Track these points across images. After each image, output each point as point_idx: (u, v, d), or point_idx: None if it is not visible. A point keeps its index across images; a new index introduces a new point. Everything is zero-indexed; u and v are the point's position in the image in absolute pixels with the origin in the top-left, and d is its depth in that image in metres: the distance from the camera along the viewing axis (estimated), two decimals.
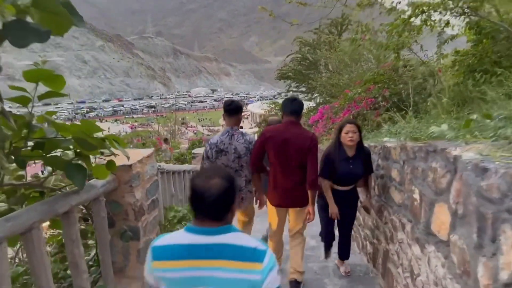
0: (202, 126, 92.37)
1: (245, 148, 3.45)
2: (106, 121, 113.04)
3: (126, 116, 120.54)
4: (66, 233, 2.16)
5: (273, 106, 14.38)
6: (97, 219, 2.42)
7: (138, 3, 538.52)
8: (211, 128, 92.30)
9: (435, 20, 4.51)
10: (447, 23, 4.48)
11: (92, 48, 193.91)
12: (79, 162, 2.03)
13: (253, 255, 1.38)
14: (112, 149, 1.96)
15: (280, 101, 18.67)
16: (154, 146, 7.39)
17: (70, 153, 2.06)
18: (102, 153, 2.03)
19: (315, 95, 14.98)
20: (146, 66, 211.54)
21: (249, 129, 30.14)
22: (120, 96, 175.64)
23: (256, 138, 3.62)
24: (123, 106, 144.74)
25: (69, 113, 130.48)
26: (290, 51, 18.43)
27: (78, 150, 2.02)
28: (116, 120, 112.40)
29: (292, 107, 3.27)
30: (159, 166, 3.44)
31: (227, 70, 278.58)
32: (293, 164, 3.17)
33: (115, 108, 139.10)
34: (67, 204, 2.08)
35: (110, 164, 2.07)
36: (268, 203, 3.45)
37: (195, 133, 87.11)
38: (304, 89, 17.09)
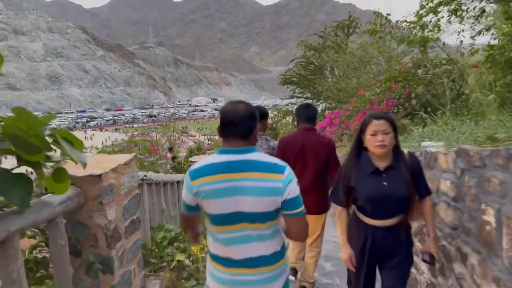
0: (204, 135, 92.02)
1: (268, 154, 3.23)
2: (106, 130, 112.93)
3: (127, 125, 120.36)
4: (3, 269, 1.51)
5: (276, 113, 13.57)
6: (54, 248, 1.77)
7: (139, 14, 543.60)
8: (212, 137, 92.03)
9: (467, 9, 3.92)
10: (483, 12, 3.88)
11: (93, 57, 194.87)
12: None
13: (275, 168, 1.61)
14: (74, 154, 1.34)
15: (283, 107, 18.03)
16: (149, 153, 6.76)
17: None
18: (48, 158, 1.40)
19: (320, 101, 14.34)
20: (147, 75, 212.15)
21: None
22: (120, 106, 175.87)
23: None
24: (123, 115, 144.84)
25: (69, 122, 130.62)
26: (290, 61, 17.91)
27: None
28: (116, 129, 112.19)
29: (308, 113, 3.29)
30: (144, 176, 2.80)
31: (228, 79, 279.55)
32: (312, 171, 3.14)
33: (115, 117, 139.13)
34: (2, 230, 1.44)
35: (59, 173, 1.44)
36: None
37: (195, 142, 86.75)
38: (309, 94, 16.41)
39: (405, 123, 4.02)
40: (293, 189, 1.61)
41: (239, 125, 1.64)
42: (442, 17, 3.97)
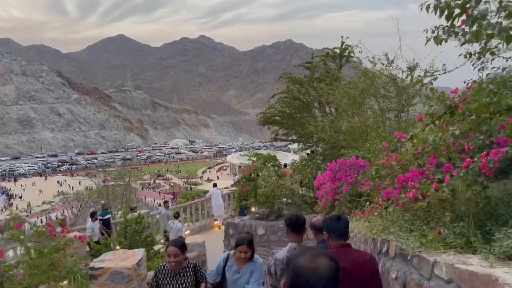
0: (185, 179, 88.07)
1: None
2: (78, 175, 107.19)
3: (99, 170, 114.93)
4: None
5: (255, 159, 10.56)
6: None
7: (117, 59, 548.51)
8: (189, 180, 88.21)
9: None
10: None
11: (67, 101, 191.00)
12: None
13: None
14: None
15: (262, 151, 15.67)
16: (44, 236, 4.25)
17: None
18: None
19: (309, 144, 12.18)
20: (123, 118, 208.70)
21: (229, 187, 27.02)
22: (94, 149, 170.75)
23: None
24: (96, 159, 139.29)
25: (39, 167, 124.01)
26: (271, 96, 15.76)
27: None
28: (87, 174, 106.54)
29: (340, 228, 2.76)
30: None
31: (206, 121, 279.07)
32: None
33: (88, 162, 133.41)
34: None
35: None
36: None
37: (171, 186, 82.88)
38: (295, 136, 14.05)
39: None
40: None
41: None
42: None
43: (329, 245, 2.80)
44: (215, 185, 13.69)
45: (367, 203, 3.92)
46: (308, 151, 13.19)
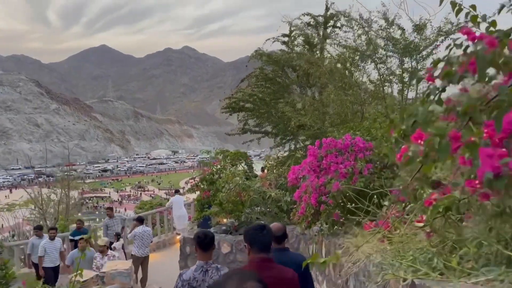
0: (166, 190, 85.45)
1: None
2: (55, 187, 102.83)
3: (78, 181, 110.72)
4: None
5: (220, 157, 8.07)
6: None
7: (99, 69, 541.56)
8: (171, 190, 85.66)
9: None
10: None
11: (46, 111, 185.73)
12: None
13: None
14: None
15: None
16: None
17: None
18: None
19: (288, 137, 10.06)
20: (103, 129, 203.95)
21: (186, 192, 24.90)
22: (73, 160, 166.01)
23: None
24: (75, 170, 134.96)
25: (14, 179, 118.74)
26: (241, 80, 13.11)
27: None
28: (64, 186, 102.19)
29: (264, 240, 2.47)
30: None
31: (190, 132, 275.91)
32: None
33: (66, 173, 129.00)
34: None
35: None
36: None
37: (152, 197, 79.99)
38: (270, 127, 11.20)
39: None
40: None
41: None
42: None
43: (249, 258, 2.57)
44: (177, 191, 11.59)
45: (385, 203, 1.98)
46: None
